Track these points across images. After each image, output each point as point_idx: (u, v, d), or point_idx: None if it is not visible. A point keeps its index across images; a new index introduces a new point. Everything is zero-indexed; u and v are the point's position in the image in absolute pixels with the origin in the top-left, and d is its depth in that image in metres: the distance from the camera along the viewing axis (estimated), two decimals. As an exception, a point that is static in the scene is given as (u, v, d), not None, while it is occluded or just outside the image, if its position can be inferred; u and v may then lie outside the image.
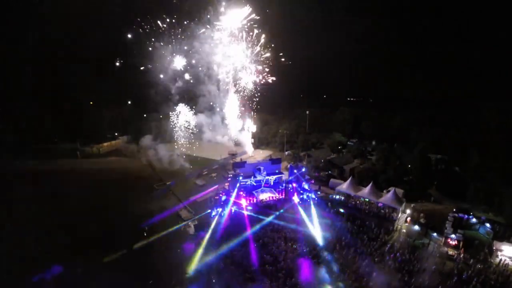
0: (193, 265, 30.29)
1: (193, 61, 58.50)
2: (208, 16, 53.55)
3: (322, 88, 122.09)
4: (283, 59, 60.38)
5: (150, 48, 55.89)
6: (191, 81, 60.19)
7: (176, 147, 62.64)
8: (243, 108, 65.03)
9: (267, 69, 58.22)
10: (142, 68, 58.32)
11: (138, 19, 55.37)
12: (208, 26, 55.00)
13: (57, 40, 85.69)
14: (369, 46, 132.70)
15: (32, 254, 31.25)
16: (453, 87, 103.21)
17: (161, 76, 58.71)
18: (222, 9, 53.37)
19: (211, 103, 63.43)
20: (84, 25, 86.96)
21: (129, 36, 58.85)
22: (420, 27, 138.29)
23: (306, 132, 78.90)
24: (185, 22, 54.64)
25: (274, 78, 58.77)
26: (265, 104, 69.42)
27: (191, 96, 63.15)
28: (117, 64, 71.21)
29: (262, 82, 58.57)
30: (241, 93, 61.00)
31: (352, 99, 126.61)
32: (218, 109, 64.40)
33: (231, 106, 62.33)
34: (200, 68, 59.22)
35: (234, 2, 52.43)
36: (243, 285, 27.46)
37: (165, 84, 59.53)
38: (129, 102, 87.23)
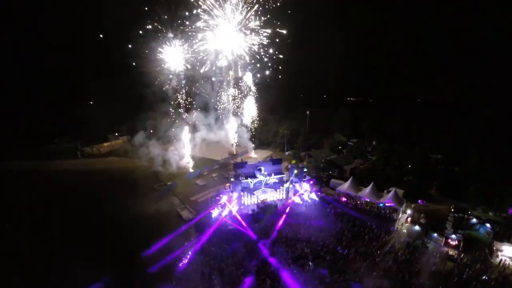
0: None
1: (190, 59, 59.12)
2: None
3: (322, 88, 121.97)
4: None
5: (147, 50, 56.32)
6: (185, 81, 60.82)
7: (175, 147, 62.59)
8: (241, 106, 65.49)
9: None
10: (141, 68, 58.69)
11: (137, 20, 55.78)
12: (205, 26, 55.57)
13: (57, 40, 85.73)
14: (370, 45, 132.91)
15: (24, 254, 31.29)
16: (453, 88, 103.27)
17: (159, 76, 59.16)
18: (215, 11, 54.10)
19: (208, 102, 63.91)
20: (83, 25, 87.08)
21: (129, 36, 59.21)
22: (419, 27, 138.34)
23: (307, 132, 78.90)
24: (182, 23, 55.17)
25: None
26: (265, 104, 69.68)
27: (188, 96, 63.51)
28: (116, 64, 71.55)
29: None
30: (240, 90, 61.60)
31: (352, 99, 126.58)
32: (215, 108, 64.91)
33: (229, 104, 62.83)
34: (197, 67, 60.04)
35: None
36: (243, 284, 27.52)
37: (163, 83, 59.89)
38: (129, 102, 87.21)
